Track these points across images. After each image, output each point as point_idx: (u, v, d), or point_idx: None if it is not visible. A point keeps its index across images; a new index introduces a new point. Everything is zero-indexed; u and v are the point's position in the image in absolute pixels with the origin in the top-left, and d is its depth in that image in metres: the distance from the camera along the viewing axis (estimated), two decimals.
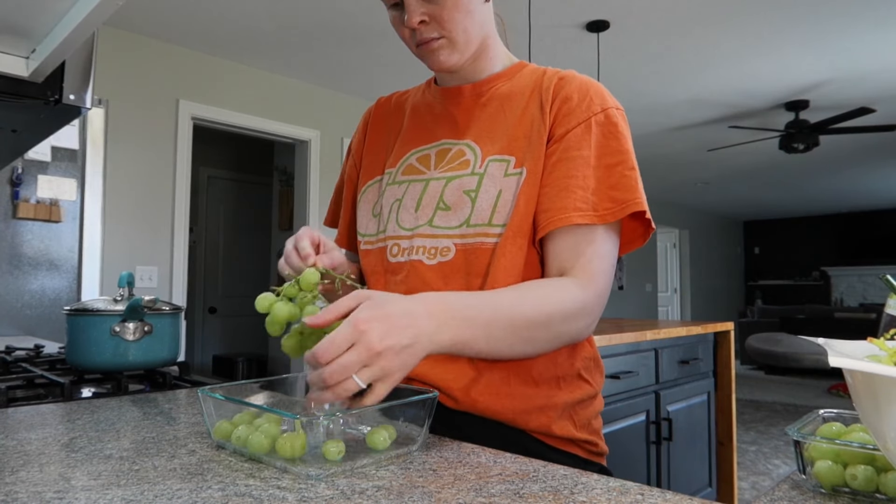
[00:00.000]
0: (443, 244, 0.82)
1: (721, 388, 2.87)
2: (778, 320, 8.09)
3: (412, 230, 0.85)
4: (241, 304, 5.53)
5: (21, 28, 0.79)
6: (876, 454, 0.49)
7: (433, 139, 0.90)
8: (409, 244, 0.85)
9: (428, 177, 0.86)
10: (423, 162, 0.88)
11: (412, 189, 0.87)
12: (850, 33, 3.39)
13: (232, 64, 3.82)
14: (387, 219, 0.88)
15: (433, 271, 0.82)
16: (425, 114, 0.93)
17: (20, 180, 2.23)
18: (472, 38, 0.83)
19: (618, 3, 3.05)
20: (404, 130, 0.94)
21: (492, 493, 0.50)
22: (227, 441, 0.63)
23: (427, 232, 0.83)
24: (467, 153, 0.85)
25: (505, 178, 0.80)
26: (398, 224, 0.87)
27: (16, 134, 1.17)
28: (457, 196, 0.82)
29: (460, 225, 0.81)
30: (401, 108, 0.98)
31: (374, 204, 0.92)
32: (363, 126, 1.02)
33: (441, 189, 0.84)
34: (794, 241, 11.23)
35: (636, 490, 0.51)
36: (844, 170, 7.10)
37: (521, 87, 0.86)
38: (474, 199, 0.81)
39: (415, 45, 0.83)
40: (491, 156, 0.82)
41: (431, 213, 0.84)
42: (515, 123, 0.83)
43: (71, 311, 1.08)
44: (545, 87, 0.84)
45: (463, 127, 0.88)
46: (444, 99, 0.91)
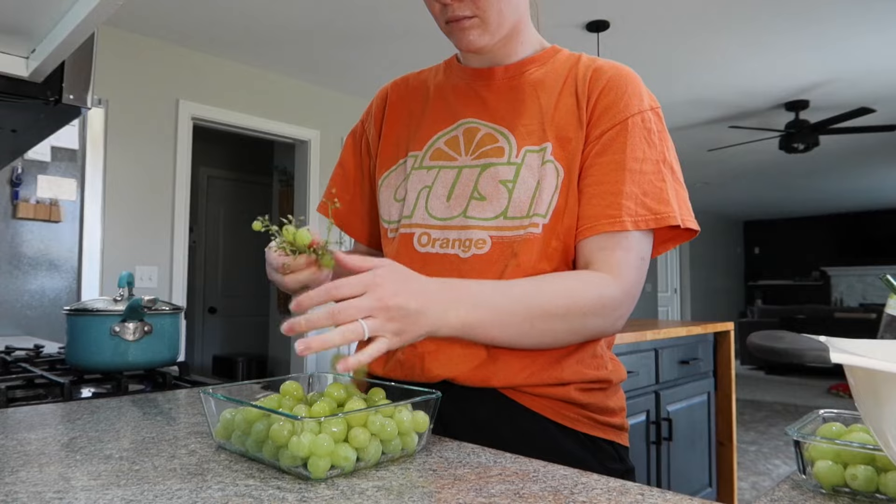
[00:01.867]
0: (477, 236, 0.79)
1: (721, 388, 2.87)
2: (778, 320, 8.09)
3: (444, 220, 0.81)
4: (241, 304, 5.53)
5: (21, 28, 0.79)
6: (876, 454, 0.49)
7: (456, 119, 0.86)
8: (442, 235, 0.81)
9: (460, 164, 0.83)
10: (453, 146, 0.84)
11: (443, 176, 0.83)
12: (850, 33, 3.39)
13: (232, 64, 3.82)
14: (413, 205, 0.84)
15: (468, 264, 0.79)
16: (449, 93, 0.89)
17: (20, 180, 2.23)
18: (505, 20, 0.79)
19: (618, 3, 3.05)
20: (427, 111, 0.90)
21: (492, 493, 0.50)
22: (227, 441, 0.63)
23: (460, 223, 0.80)
24: (500, 139, 0.81)
25: (542, 166, 0.78)
26: (428, 212, 0.83)
27: (15, 134, 1.17)
28: (492, 186, 0.79)
29: (496, 216, 0.78)
30: (419, 89, 0.93)
31: (397, 188, 0.88)
32: (378, 112, 0.96)
33: (475, 178, 0.81)
34: (794, 241, 11.23)
35: (636, 490, 0.51)
36: (844, 170, 7.10)
37: (555, 73, 0.84)
38: (511, 189, 0.78)
39: (444, 21, 0.79)
40: (527, 145, 0.80)
41: (465, 203, 0.80)
42: (551, 112, 0.81)
43: (71, 311, 1.08)
44: (580, 77, 0.82)
45: (492, 109, 0.84)
46: (473, 79, 0.87)
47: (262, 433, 0.58)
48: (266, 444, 0.57)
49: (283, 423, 0.55)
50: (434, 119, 0.88)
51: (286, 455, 0.54)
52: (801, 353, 5.23)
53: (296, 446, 0.53)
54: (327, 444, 0.53)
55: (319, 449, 0.53)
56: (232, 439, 0.62)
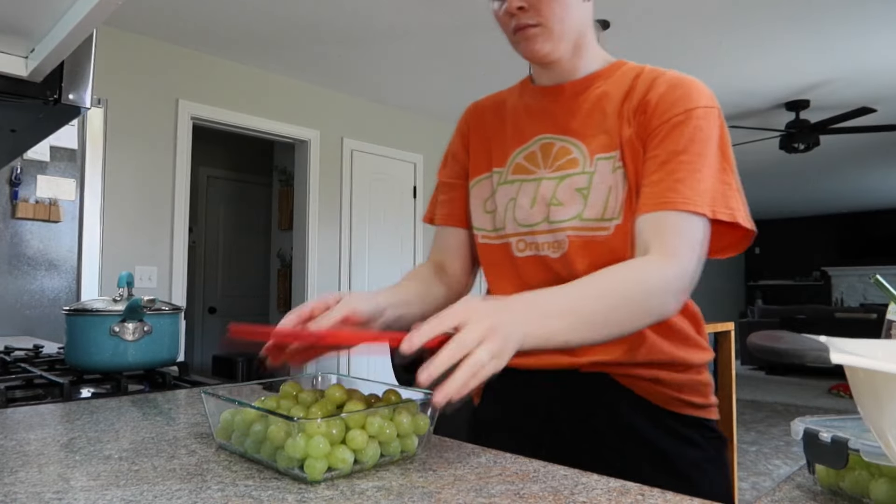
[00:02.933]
0: (560, 237, 0.87)
1: (721, 388, 2.86)
2: (778, 320, 8.08)
3: (531, 226, 0.90)
4: (240, 305, 5.53)
5: (20, 27, 0.79)
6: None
7: (532, 135, 0.93)
8: (532, 239, 0.90)
9: (539, 176, 0.90)
10: (531, 160, 0.92)
11: (525, 188, 0.91)
12: (850, 33, 3.39)
13: (232, 64, 3.82)
14: (503, 217, 0.93)
15: (559, 263, 0.87)
16: (522, 113, 0.96)
17: (19, 180, 2.23)
18: (567, 30, 0.86)
19: (618, 3, 3.05)
20: (505, 130, 0.97)
21: (492, 494, 0.50)
22: (227, 442, 0.63)
23: (545, 228, 0.88)
24: (573, 151, 0.88)
25: (612, 173, 0.84)
26: (516, 222, 0.91)
27: (15, 134, 1.16)
28: (569, 193, 0.86)
29: (573, 218, 0.86)
30: (498, 109, 1.01)
31: (486, 200, 0.97)
32: (464, 132, 1.05)
33: (554, 188, 0.88)
34: (795, 241, 11.22)
35: (636, 490, 0.51)
36: (845, 170, 7.10)
37: (619, 85, 0.89)
38: (586, 195, 0.85)
39: (512, 30, 0.86)
40: (598, 154, 0.86)
41: (546, 209, 0.88)
42: (615, 121, 0.86)
43: (70, 311, 1.08)
44: (639, 87, 0.87)
45: (562, 123, 0.90)
46: (543, 97, 0.94)
47: (261, 434, 0.58)
48: (264, 445, 0.57)
49: (280, 424, 0.55)
50: (512, 138, 0.96)
51: (283, 456, 0.54)
52: (802, 354, 5.23)
53: (292, 448, 0.53)
54: (323, 446, 0.53)
55: (315, 451, 0.52)
56: (232, 440, 0.62)
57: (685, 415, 0.86)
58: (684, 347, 0.87)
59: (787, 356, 4.60)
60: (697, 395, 0.88)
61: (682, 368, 0.86)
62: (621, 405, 0.85)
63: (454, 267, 1.04)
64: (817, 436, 0.51)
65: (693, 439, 0.87)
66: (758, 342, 4.34)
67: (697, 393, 0.88)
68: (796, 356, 4.81)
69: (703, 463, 0.86)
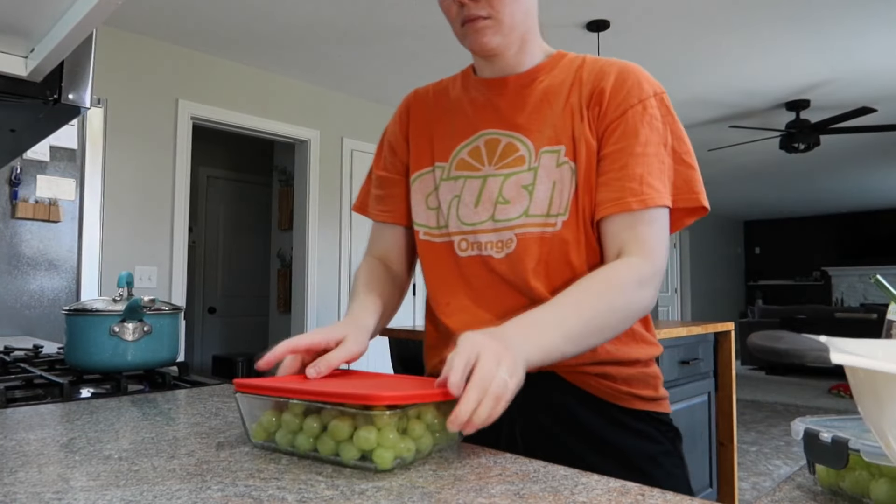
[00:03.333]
0: (506, 236, 0.86)
1: (722, 388, 2.86)
2: (778, 320, 8.08)
3: (474, 225, 0.88)
4: (240, 305, 5.53)
5: (20, 27, 0.79)
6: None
7: (476, 130, 0.91)
8: (475, 239, 0.88)
9: (484, 173, 0.88)
10: (475, 156, 0.90)
11: (469, 185, 0.89)
12: (850, 33, 3.39)
13: (232, 64, 3.82)
14: (447, 214, 0.91)
15: (503, 264, 0.86)
16: (467, 106, 0.94)
17: (19, 180, 2.23)
18: (516, 24, 0.85)
19: (618, 3, 3.05)
20: (447, 122, 0.95)
21: (492, 494, 0.50)
22: (268, 441, 0.63)
23: (490, 227, 0.87)
24: (520, 148, 0.87)
25: (557, 168, 0.84)
26: (459, 220, 0.89)
27: (14, 134, 1.16)
28: (515, 191, 0.85)
29: (519, 216, 0.85)
30: (440, 99, 0.98)
31: (428, 196, 0.94)
32: (403, 118, 1.01)
33: (500, 185, 0.87)
34: (795, 241, 11.22)
35: (636, 490, 0.50)
36: (845, 170, 7.10)
37: (562, 77, 0.88)
38: (531, 191, 0.84)
39: (461, 22, 0.84)
40: (542, 147, 0.85)
41: (492, 208, 0.87)
42: (560, 114, 0.86)
43: (70, 311, 1.08)
44: (586, 77, 0.86)
45: (508, 117, 0.89)
46: (488, 90, 0.92)
47: (316, 429, 0.59)
48: (323, 440, 0.58)
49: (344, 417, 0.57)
50: (455, 131, 0.93)
51: (348, 449, 0.56)
52: (802, 354, 5.23)
53: (364, 440, 0.55)
54: (393, 437, 0.56)
55: (386, 441, 0.55)
56: (276, 438, 0.62)
57: (636, 409, 0.86)
58: (633, 344, 0.88)
59: (787, 356, 4.61)
60: (647, 388, 0.88)
61: (629, 363, 0.87)
62: (570, 403, 0.85)
63: (398, 266, 1.02)
64: (817, 436, 0.51)
65: (646, 433, 0.87)
66: (758, 342, 4.35)
67: (647, 385, 0.88)
68: (796, 356, 4.82)
69: (658, 456, 0.86)
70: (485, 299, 0.88)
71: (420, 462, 0.60)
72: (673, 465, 0.87)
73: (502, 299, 0.86)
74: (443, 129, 0.95)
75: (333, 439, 0.57)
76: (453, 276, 0.91)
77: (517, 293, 0.85)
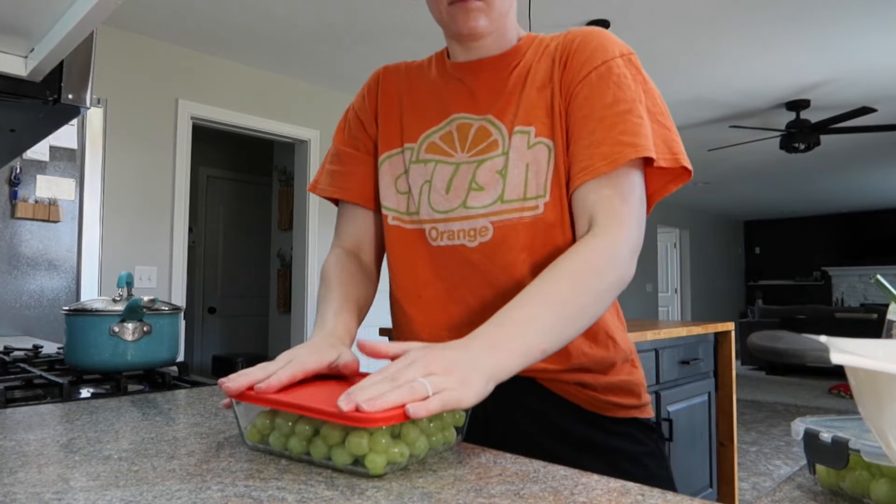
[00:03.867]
0: (480, 224, 0.82)
1: (722, 388, 2.86)
2: (778, 320, 8.09)
3: (446, 213, 0.84)
4: (240, 305, 5.53)
5: (20, 27, 0.79)
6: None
7: (448, 114, 0.87)
8: (447, 227, 0.84)
9: (457, 160, 0.84)
10: (447, 142, 0.86)
11: (440, 170, 0.85)
12: (851, 33, 3.38)
13: (232, 64, 3.82)
14: (418, 200, 0.86)
15: (477, 253, 0.82)
16: (441, 88, 0.90)
17: (19, 180, 2.23)
18: (505, 8, 0.83)
19: (618, 3, 3.05)
20: (419, 103, 0.91)
21: (492, 494, 0.50)
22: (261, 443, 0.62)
23: (462, 214, 0.83)
24: (493, 132, 0.83)
25: (529, 149, 0.80)
26: (431, 207, 0.85)
27: (14, 134, 1.16)
28: (489, 176, 0.82)
29: (493, 202, 0.81)
30: (413, 78, 0.94)
31: (398, 178, 0.89)
32: (372, 93, 0.95)
33: (472, 171, 0.83)
34: (795, 241, 11.23)
35: (636, 490, 0.50)
36: (845, 170, 7.10)
37: (536, 59, 0.85)
38: (504, 175, 0.81)
39: (448, 1, 0.80)
40: (513, 129, 0.82)
41: (464, 194, 0.83)
42: (534, 94, 0.82)
43: (70, 311, 1.08)
44: (553, 49, 0.84)
45: (482, 101, 0.85)
46: (462, 73, 0.88)
47: (308, 432, 0.58)
48: (315, 444, 0.57)
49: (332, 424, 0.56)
50: (426, 113, 0.89)
51: (340, 453, 0.55)
52: (802, 354, 5.22)
53: (356, 445, 0.54)
54: (385, 441, 0.54)
55: (378, 446, 0.54)
56: (270, 440, 0.61)
57: (617, 417, 0.84)
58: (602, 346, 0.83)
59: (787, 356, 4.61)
60: (630, 397, 0.85)
61: (605, 368, 0.83)
62: (551, 411, 0.82)
63: (369, 257, 0.95)
64: (818, 436, 0.51)
65: (629, 434, 0.84)
66: (758, 342, 4.34)
67: (630, 394, 0.85)
68: (796, 356, 4.82)
69: (642, 457, 0.84)
70: (458, 292, 0.84)
71: (418, 463, 0.60)
72: (657, 466, 0.85)
73: (476, 291, 0.82)
74: (413, 110, 0.90)
75: (325, 444, 0.56)
76: (424, 267, 0.86)
77: (492, 285, 0.81)
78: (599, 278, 0.72)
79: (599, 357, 0.82)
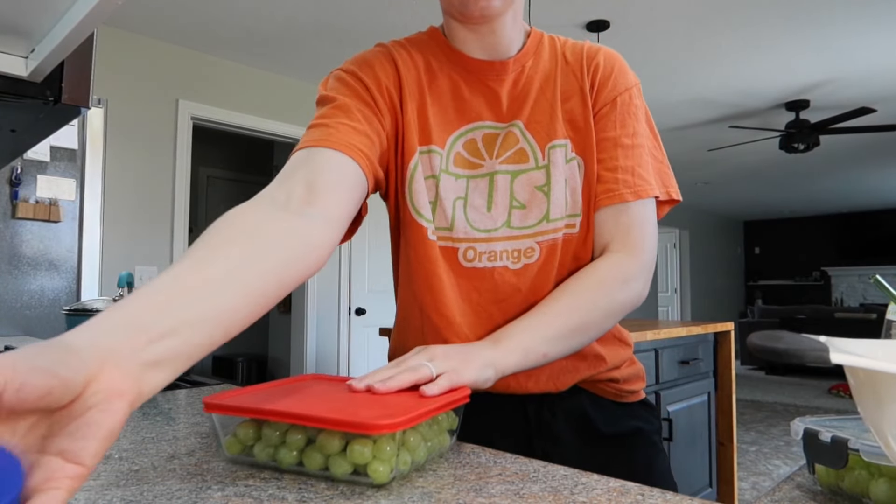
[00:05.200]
0: (526, 245, 0.79)
1: (721, 388, 2.87)
2: (778, 320, 8.09)
3: (489, 232, 0.79)
4: None
5: (20, 27, 0.79)
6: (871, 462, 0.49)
7: (472, 119, 0.82)
8: (488, 248, 0.79)
9: (488, 171, 0.80)
10: (472, 151, 0.81)
11: (476, 185, 0.80)
12: (850, 33, 3.39)
13: (232, 64, 3.82)
14: (451, 216, 0.79)
15: (519, 275, 0.79)
16: (458, 83, 0.83)
17: (19, 180, 2.23)
18: None
19: (618, 3, 3.05)
20: (437, 100, 0.83)
21: (492, 494, 0.50)
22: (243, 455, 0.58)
23: (506, 234, 0.79)
24: (520, 140, 0.81)
25: (566, 164, 0.80)
26: (470, 225, 0.79)
27: (15, 134, 1.16)
28: (529, 193, 0.79)
29: (539, 222, 0.79)
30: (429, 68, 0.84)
31: (426, 180, 0.80)
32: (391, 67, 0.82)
33: (509, 185, 0.80)
34: (795, 241, 11.23)
35: (636, 490, 0.51)
36: (845, 170, 7.10)
37: (550, 63, 0.84)
38: (548, 193, 0.79)
39: None
40: (549, 142, 0.80)
41: (507, 213, 0.79)
42: (566, 108, 0.82)
43: (70, 311, 1.08)
44: (573, 60, 0.84)
45: (508, 107, 0.82)
46: (484, 73, 0.82)
47: (301, 441, 0.55)
48: (309, 454, 0.54)
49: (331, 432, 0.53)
50: (447, 112, 0.82)
51: (339, 463, 0.52)
52: (802, 354, 5.20)
53: (359, 454, 0.51)
54: (391, 449, 0.52)
55: (383, 454, 0.51)
56: (255, 451, 0.57)
57: (630, 402, 0.89)
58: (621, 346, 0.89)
59: (786, 356, 4.58)
60: (638, 382, 0.90)
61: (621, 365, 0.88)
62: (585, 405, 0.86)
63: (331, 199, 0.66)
64: (817, 436, 0.51)
65: (640, 415, 0.89)
66: (757, 342, 4.33)
67: (639, 379, 0.90)
68: (796, 356, 4.79)
69: (651, 435, 0.89)
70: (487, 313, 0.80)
71: (420, 462, 0.60)
72: (660, 440, 0.91)
73: (507, 312, 0.79)
74: (435, 105, 0.82)
75: (322, 453, 0.53)
76: (451, 289, 0.80)
77: (523, 306, 0.78)
78: (611, 298, 0.76)
79: (621, 357, 0.87)
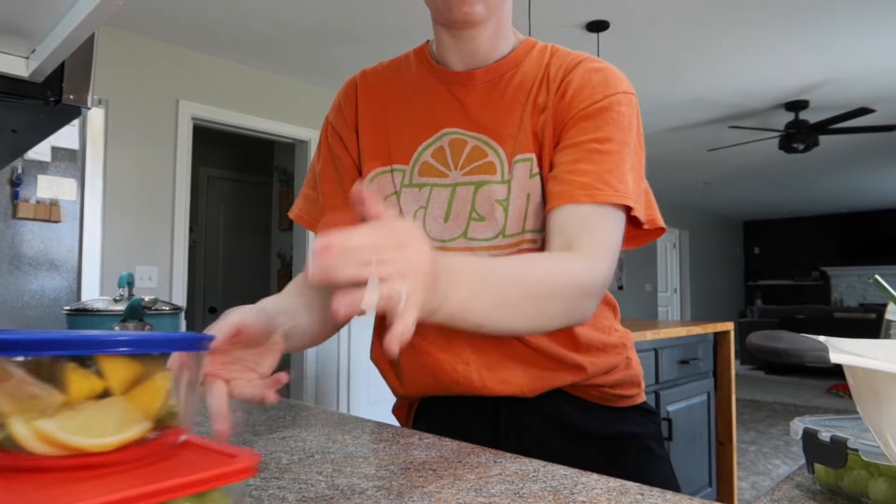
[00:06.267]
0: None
1: (721, 388, 2.87)
2: (778, 320, 8.09)
3: (444, 242, 0.80)
4: (240, 305, 5.52)
5: (21, 28, 0.79)
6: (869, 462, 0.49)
7: (438, 128, 0.82)
8: None
9: (452, 181, 0.80)
10: (440, 159, 0.81)
11: (437, 195, 0.80)
12: (850, 33, 3.39)
13: (232, 64, 3.82)
14: None
15: None
16: (431, 97, 0.84)
17: (20, 180, 2.23)
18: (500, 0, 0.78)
19: (618, 3, 3.05)
20: (406, 116, 0.84)
21: (492, 493, 0.50)
22: None
23: (462, 245, 0.79)
24: (489, 154, 0.79)
25: (530, 179, 0.78)
26: (427, 235, 0.79)
27: (15, 134, 1.17)
28: (489, 205, 0.78)
29: (496, 236, 0.78)
30: (395, 85, 0.87)
31: (387, 199, 0.83)
32: (350, 102, 0.89)
33: (471, 197, 0.79)
34: (794, 241, 11.23)
35: (636, 490, 0.51)
36: (844, 170, 7.10)
37: (533, 72, 0.81)
38: (506, 207, 0.77)
39: None
40: (515, 156, 0.78)
41: (464, 224, 0.79)
42: (530, 115, 0.79)
43: (71, 311, 1.08)
44: (553, 74, 0.80)
45: (475, 117, 0.81)
46: (453, 84, 0.83)
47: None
48: None
49: None
50: (415, 128, 0.83)
51: None
52: (801, 353, 5.20)
53: None
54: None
55: None
56: None
57: (622, 407, 0.86)
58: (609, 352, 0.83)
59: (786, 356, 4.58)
60: (632, 387, 0.87)
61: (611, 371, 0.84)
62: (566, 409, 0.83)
63: None
64: (816, 435, 0.51)
65: (634, 420, 0.87)
66: (757, 342, 4.32)
67: (632, 385, 0.87)
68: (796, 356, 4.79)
69: (647, 440, 0.86)
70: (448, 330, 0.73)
71: (420, 462, 0.60)
72: (658, 446, 0.88)
73: None
74: (400, 124, 0.84)
75: None
76: None
77: None
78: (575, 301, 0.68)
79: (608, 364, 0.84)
